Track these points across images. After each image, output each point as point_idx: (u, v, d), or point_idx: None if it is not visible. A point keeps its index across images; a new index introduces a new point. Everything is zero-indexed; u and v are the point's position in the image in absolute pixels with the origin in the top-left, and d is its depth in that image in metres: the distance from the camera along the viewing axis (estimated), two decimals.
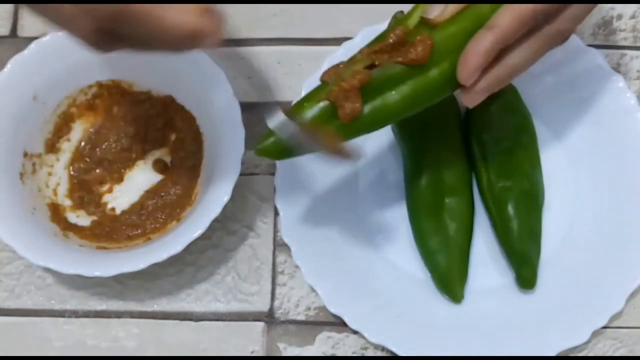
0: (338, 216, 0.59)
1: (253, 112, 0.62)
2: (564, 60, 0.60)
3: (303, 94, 0.59)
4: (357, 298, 0.56)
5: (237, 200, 0.60)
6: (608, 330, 0.56)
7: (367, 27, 0.61)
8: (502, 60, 0.48)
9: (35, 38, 0.59)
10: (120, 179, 0.61)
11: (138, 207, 0.60)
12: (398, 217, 0.59)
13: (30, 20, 0.66)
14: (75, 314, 0.58)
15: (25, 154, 0.59)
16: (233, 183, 0.54)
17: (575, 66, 0.61)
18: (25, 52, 0.58)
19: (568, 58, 0.60)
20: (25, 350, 0.58)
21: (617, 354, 0.56)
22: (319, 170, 0.59)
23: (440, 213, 0.57)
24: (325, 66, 0.60)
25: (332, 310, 0.56)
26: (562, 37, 0.49)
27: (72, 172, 0.61)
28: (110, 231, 0.59)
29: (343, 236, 0.58)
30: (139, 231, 0.59)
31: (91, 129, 0.62)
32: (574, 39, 0.60)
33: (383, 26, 0.60)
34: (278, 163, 0.59)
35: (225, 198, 0.54)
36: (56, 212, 0.59)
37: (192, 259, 0.59)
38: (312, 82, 0.60)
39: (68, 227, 0.58)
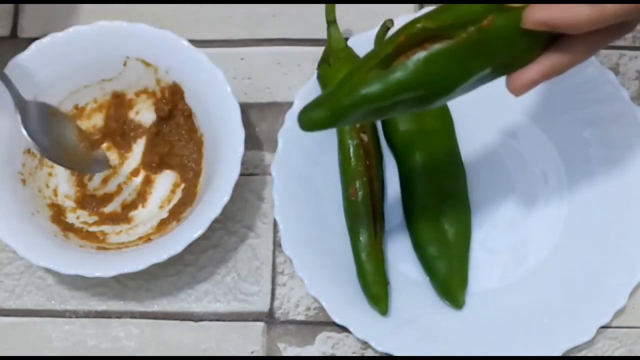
0: (338, 226, 0.58)
1: (253, 112, 0.63)
2: None
3: (296, 102, 0.60)
4: (361, 308, 0.56)
5: (237, 200, 0.60)
6: (607, 330, 0.57)
7: (356, 35, 0.61)
8: (565, 46, 0.44)
9: (36, 39, 0.59)
10: (120, 179, 0.61)
11: None
12: (398, 223, 0.59)
13: (30, 21, 0.66)
14: (75, 314, 0.59)
15: (26, 155, 0.59)
16: (233, 184, 0.54)
17: None
18: (26, 52, 0.58)
19: None
20: (25, 351, 0.58)
21: (617, 353, 0.57)
22: (317, 181, 0.59)
23: (438, 219, 0.57)
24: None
25: (338, 320, 0.55)
26: (625, 33, 0.46)
27: (72, 173, 0.61)
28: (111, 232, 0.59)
29: (344, 246, 0.58)
30: None
31: (91, 129, 0.62)
32: None
33: (376, 30, 0.60)
34: (275, 175, 0.58)
35: (225, 198, 0.54)
36: (56, 213, 0.59)
37: (192, 259, 0.59)
38: (309, 87, 0.60)
39: (68, 228, 0.58)
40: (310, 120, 0.45)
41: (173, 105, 0.60)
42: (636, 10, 0.42)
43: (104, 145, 0.62)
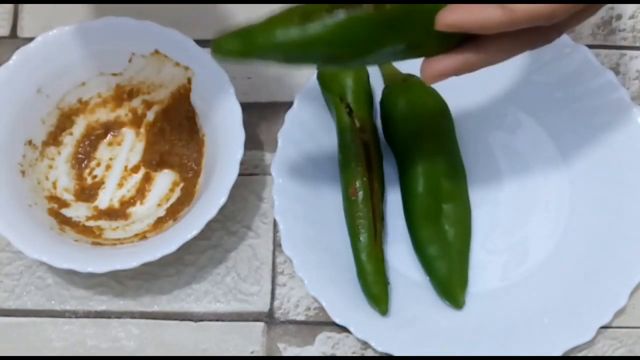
0: (338, 226, 0.58)
1: (253, 112, 0.63)
2: (554, 59, 0.61)
3: (296, 102, 0.60)
4: (361, 307, 0.56)
5: (237, 200, 0.60)
6: (607, 330, 0.57)
7: None
8: (481, 45, 0.44)
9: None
10: (120, 176, 0.61)
11: None
12: (398, 223, 0.59)
13: (30, 21, 0.66)
14: (75, 314, 0.59)
15: (27, 146, 0.59)
16: (230, 185, 0.54)
17: (565, 64, 0.61)
18: (31, 44, 0.58)
19: (557, 57, 0.61)
20: (25, 351, 0.58)
21: (617, 353, 0.57)
22: (317, 181, 0.59)
23: (438, 219, 0.57)
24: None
25: (337, 320, 0.55)
26: (553, 38, 0.47)
27: (72, 166, 0.61)
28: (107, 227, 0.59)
29: (344, 246, 0.58)
30: None
31: (94, 124, 0.62)
32: (561, 37, 0.60)
33: None
34: (275, 175, 0.58)
35: (222, 200, 0.54)
36: (54, 206, 0.59)
37: (191, 259, 0.59)
38: (309, 87, 0.60)
39: (65, 221, 0.58)
40: (222, 48, 0.45)
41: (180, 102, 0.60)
42: (546, 16, 0.43)
43: (108, 138, 0.62)
